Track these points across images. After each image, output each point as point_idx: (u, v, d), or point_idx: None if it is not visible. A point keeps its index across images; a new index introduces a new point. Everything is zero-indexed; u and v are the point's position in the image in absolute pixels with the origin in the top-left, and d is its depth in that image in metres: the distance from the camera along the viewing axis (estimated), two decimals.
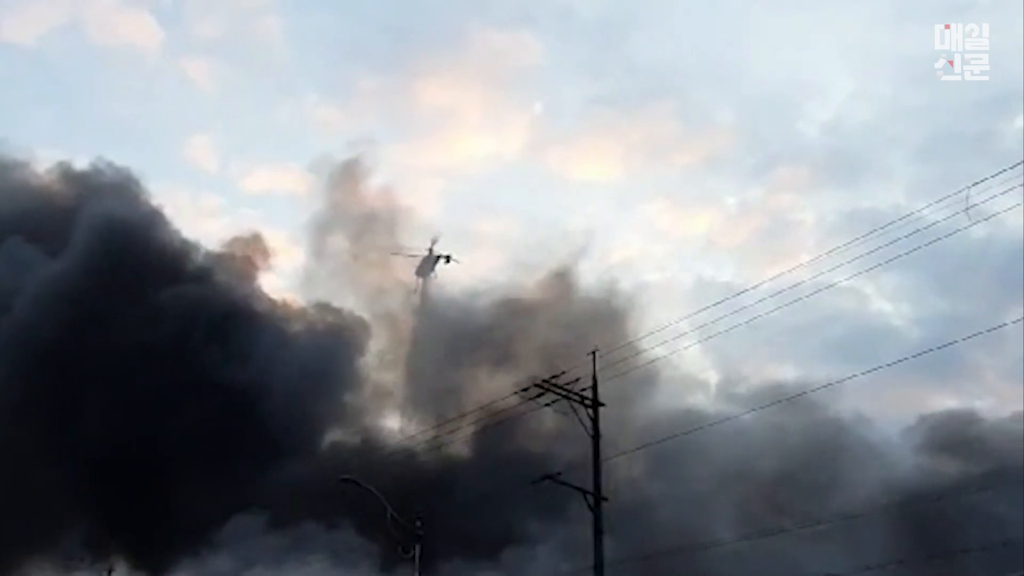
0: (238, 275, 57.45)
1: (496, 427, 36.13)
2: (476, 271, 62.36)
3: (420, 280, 59.09)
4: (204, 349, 51.87)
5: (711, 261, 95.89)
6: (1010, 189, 21.82)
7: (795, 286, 30.82)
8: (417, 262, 59.37)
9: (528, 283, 55.35)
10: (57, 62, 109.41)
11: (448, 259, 58.61)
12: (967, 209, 24.35)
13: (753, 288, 29.25)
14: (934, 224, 28.29)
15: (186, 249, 57.56)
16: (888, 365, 32.75)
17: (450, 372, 53.33)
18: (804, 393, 35.14)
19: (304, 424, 51.17)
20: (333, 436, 52.71)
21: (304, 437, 50.78)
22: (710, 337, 31.67)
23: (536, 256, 56.13)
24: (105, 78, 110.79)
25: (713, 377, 58.98)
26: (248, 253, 59.27)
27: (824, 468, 42.27)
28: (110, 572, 37.69)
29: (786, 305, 29.04)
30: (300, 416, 51.05)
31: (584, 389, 27.77)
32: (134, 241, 53.97)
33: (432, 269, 58.79)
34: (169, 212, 58.99)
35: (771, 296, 30.72)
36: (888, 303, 76.66)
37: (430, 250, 59.22)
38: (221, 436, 48.59)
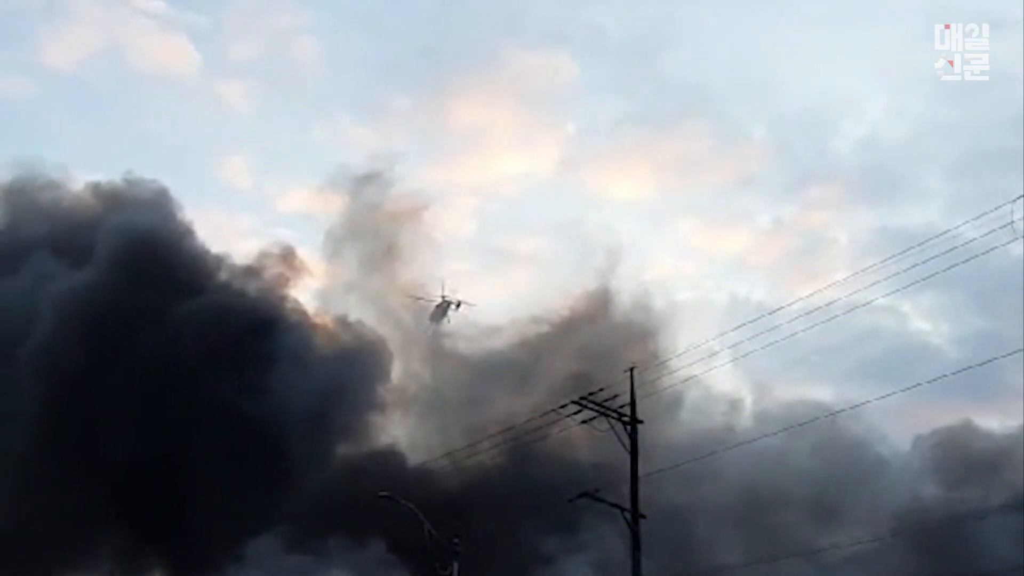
0: (268, 289, 57.52)
1: (526, 445, 36.11)
2: (507, 290, 62.24)
3: (433, 324, 59.36)
4: (229, 363, 51.97)
5: (744, 279, 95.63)
6: None
7: (829, 304, 30.84)
8: (431, 307, 59.89)
9: (560, 301, 55.39)
10: (96, 86, 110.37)
11: (459, 305, 59.06)
12: (1010, 224, 24.42)
13: (787, 307, 29.28)
14: (972, 241, 28.27)
15: (216, 263, 57.67)
16: (926, 383, 32.85)
17: (476, 389, 53.46)
18: (840, 411, 34.96)
19: (325, 440, 51.15)
20: (354, 452, 52.51)
21: (325, 454, 50.70)
22: (744, 356, 31.73)
23: (568, 274, 56.21)
24: (142, 101, 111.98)
25: (747, 396, 58.80)
26: (279, 268, 59.34)
27: (859, 488, 41.99)
28: None
29: (820, 324, 29.07)
30: (321, 432, 51.10)
31: (622, 406, 27.80)
32: (161, 253, 54.02)
33: (445, 315, 59.13)
34: (204, 230, 59.08)
35: (805, 314, 30.80)
36: (926, 322, 75.89)
37: (442, 298, 59.47)
38: (244, 452, 48.67)
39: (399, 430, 55.36)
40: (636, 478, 27.45)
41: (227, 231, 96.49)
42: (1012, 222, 21.34)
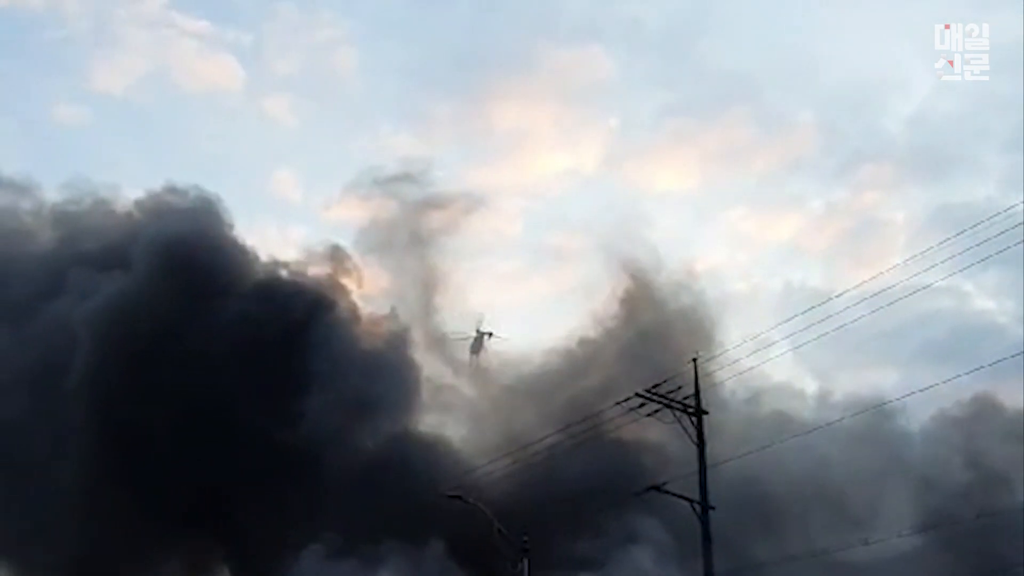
0: (313, 287, 57.77)
1: (586, 443, 35.91)
2: (557, 287, 62.03)
3: (475, 357, 59.93)
4: (274, 366, 52.15)
5: (798, 266, 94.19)
6: None
7: (888, 288, 30.34)
8: (468, 342, 60.51)
9: (611, 297, 55.16)
10: (145, 108, 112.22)
11: (491, 335, 59.78)
12: None
13: (844, 293, 28.84)
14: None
15: (263, 267, 57.94)
16: (991, 364, 32.19)
17: (530, 392, 53.54)
18: (908, 395, 34.32)
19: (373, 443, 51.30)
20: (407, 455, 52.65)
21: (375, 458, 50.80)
22: (803, 345, 31.30)
23: (618, 270, 55.89)
24: (190, 120, 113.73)
25: (809, 385, 58.13)
26: (326, 266, 59.60)
27: (927, 473, 41.37)
28: None
29: (881, 308, 28.63)
30: (368, 436, 51.36)
31: (686, 398, 27.56)
32: (201, 256, 54.24)
33: (482, 346, 59.66)
34: (255, 242, 59.27)
35: (864, 299, 30.31)
36: (990, 300, 74.45)
37: (478, 330, 59.98)
38: (292, 461, 48.98)
39: (453, 432, 55.67)
40: (704, 469, 27.22)
41: (279, 243, 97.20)
42: None
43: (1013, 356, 32.92)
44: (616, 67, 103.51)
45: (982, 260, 30.07)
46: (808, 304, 31.55)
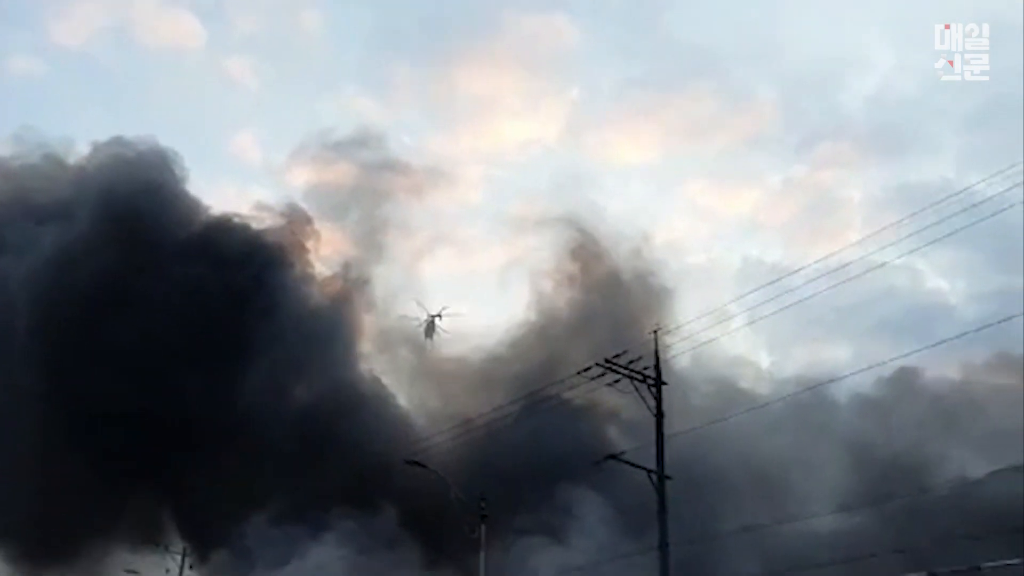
0: (270, 244, 57.05)
1: (547, 412, 36.05)
2: (515, 255, 61.81)
3: (429, 340, 59.81)
4: (223, 323, 51.51)
5: (757, 241, 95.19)
6: None
7: (845, 266, 30.66)
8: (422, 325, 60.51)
9: (570, 268, 55.26)
10: (103, 63, 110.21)
11: (440, 316, 59.65)
12: None
13: (801, 269, 29.12)
14: (990, 199, 28.05)
15: (216, 222, 57.03)
16: (944, 342, 32.73)
17: (490, 364, 53.56)
18: (861, 371, 34.85)
19: (332, 413, 51.05)
20: (363, 422, 52.43)
21: (329, 423, 50.57)
22: (760, 319, 31.58)
23: (577, 240, 55.96)
24: (149, 78, 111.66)
25: (763, 359, 58.89)
26: (282, 225, 58.88)
27: (886, 447, 42.02)
28: (184, 556, 37.84)
29: (837, 285, 28.92)
30: (326, 404, 51.07)
31: (646, 368, 27.63)
32: (153, 211, 53.24)
33: (434, 329, 59.62)
34: (213, 203, 58.24)
35: (821, 276, 30.61)
36: (943, 280, 75.72)
37: (429, 314, 59.50)
38: (238, 424, 48.60)
39: (406, 403, 55.63)
40: (662, 440, 27.35)
41: (237, 204, 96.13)
42: None
43: (962, 335, 33.70)
44: (581, 37, 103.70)
45: (936, 240, 30.48)
46: (765, 279, 31.87)
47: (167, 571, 37.44)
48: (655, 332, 28.06)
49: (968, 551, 27.12)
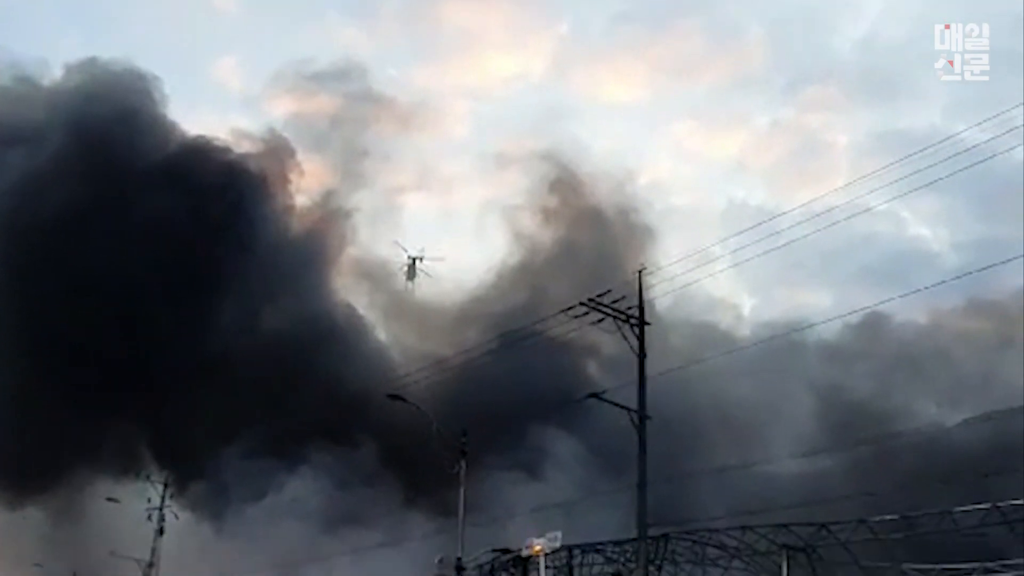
0: (249, 169, 56.37)
1: (532, 349, 36.00)
2: (500, 191, 61.52)
3: (409, 283, 60.84)
4: (200, 251, 51.03)
5: (742, 183, 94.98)
6: None
7: (829, 210, 30.63)
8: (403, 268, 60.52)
9: (554, 205, 55.12)
10: None
11: (422, 259, 60.44)
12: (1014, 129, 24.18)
13: (786, 213, 29.06)
14: (975, 147, 28.01)
15: (194, 146, 56.21)
16: (924, 289, 32.94)
17: (474, 305, 53.54)
18: (850, 314, 35.09)
19: (308, 343, 50.92)
20: (342, 357, 52.37)
21: (308, 357, 50.48)
22: (744, 262, 31.59)
23: (561, 178, 55.73)
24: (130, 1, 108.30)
25: (745, 302, 59.19)
26: (267, 158, 58.13)
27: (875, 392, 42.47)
28: (166, 485, 37.89)
29: (821, 230, 28.88)
30: (309, 337, 50.87)
31: (630, 308, 27.52)
32: (127, 134, 52.23)
33: (415, 272, 60.13)
34: (192, 129, 57.22)
35: (805, 220, 30.58)
36: (925, 227, 75.95)
37: (409, 257, 60.66)
38: (223, 354, 48.42)
39: (388, 339, 55.63)
40: (643, 380, 27.25)
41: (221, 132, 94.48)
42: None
43: (942, 283, 33.91)
44: None
45: (920, 187, 30.47)
46: (750, 221, 31.87)
47: (148, 500, 37.52)
48: (639, 272, 27.88)
49: (939, 495, 27.65)
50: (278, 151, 57.52)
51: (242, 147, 56.64)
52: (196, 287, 50.03)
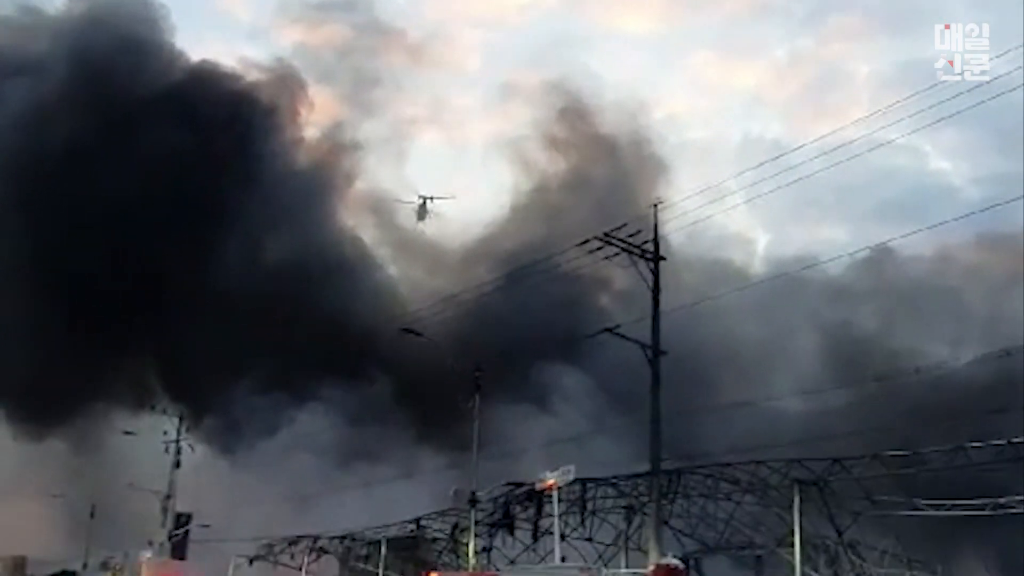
0: (258, 99, 55.93)
1: (546, 284, 35.97)
2: (512, 124, 60.58)
3: (420, 224, 60.73)
4: (209, 185, 50.83)
5: (759, 117, 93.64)
6: None
7: (847, 144, 30.23)
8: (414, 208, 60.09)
9: (565, 135, 54.60)
10: None
11: (432, 199, 60.45)
12: None
13: (803, 146, 28.68)
14: (997, 78, 27.51)
15: (202, 75, 55.71)
16: (943, 224, 32.64)
17: (488, 237, 53.34)
18: (861, 251, 34.79)
19: (317, 275, 50.93)
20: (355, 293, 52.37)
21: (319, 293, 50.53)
22: (758, 197, 31.30)
23: (577, 111, 55.16)
24: None
25: (760, 237, 58.76)
26: (274, 86, 57.64)
27: (881, 329, 42.27)
28: (181, 419, 38.24)
29: (838, 164, 28.51)
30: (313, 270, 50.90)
31: (645, 243, 27.35)
32: (131, 65, 51.73)
33: (426, 212, 60.13)
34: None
35: (823, 154, 30.19)
36: (946, 161, 74.78)
37: (420, 197, 60.51)
38: (231, 287, 48.44)
39: (399, 275, 55.57)
40: (657, 316, 27.18)
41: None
42: None
43: (965, 216, 33.57)
44: None
45: (941, 120, 30.05)
46: (766, 156, 31.46)
47: (165, 433, 37.92)
48: (655, 206, 27.64)
49: (950, 432, 27.66)
50: (286, 80, 57.10)
51: (250, 76, 56.13)
52: (204, 219, 49.99)
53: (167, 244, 48.46)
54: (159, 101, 51.48)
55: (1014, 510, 24.88)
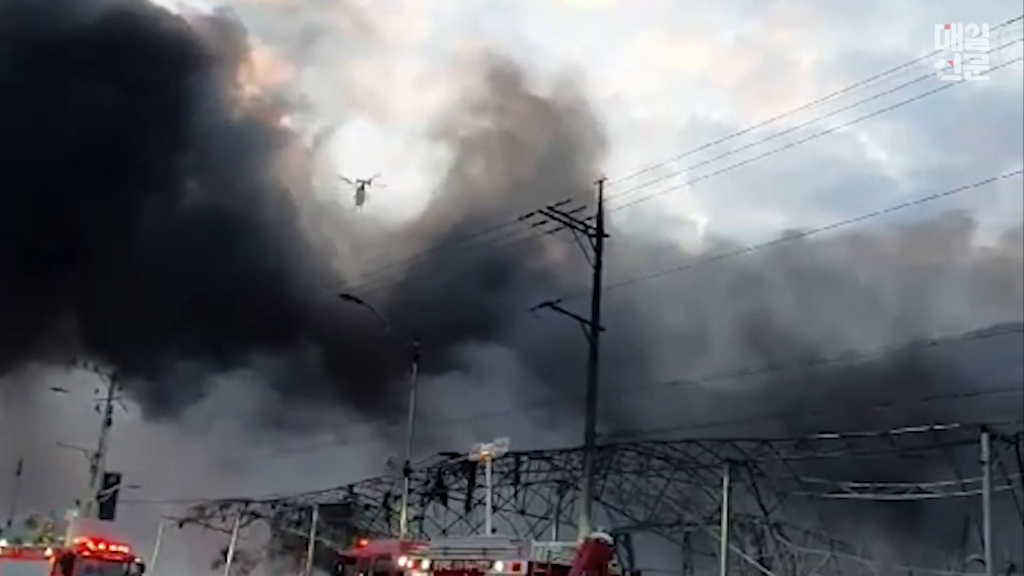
0: (197, 43, 54.72)
1: (488, 256, 36.01)
2: (458, 95, 60.24)
3: (359, 207, 60.09)
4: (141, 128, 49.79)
5: (705, 98, 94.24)
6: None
7: (790, 130, 30.65)
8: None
9: (512, 110, 54.49)
10: None
11: (370, 183, 59.42)
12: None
13: (746, 131, 28.99)
14: (936, 72, 27.95)
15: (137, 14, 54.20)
16: (877, 214, 33.26)
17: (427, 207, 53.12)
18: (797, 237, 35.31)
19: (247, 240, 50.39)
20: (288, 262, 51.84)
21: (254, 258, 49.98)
22: (702, 178, 31.59)
23: (522, 84, 55.07)
24: None
25: (701, 219, 59.38)
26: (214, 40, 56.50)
27: (808, 314, 42.92)
28: (114, 378, 37.62)
29: (780, 150, 28.91)
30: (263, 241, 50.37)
31: (589, 219, 27.49)
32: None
33: (364, 196, 59.63)
34: None
35: (766, 139, 30.56)
36: (883, 152, 76.00)
37: (358, 181, 59.53)
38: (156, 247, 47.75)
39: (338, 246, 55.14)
40: (599, 292, 27.35)
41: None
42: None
43: (895, 208, 34.29)
44: None
45: (881, 111, 30.53)
46: (711, 138, 31.77)
47: (96, 391, 37.33)
48: (600, 183, 27.81)
49: (879, 417, 28.31)
50: (226, 29, 56.00)
51: (188, 20, 54.94)
52: (128, 171, 48.91)
53: (89, 198, 47.39)
54: (87, 39, 49.95)
55: (935, 495, 25.55)
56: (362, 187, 59.02)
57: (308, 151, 58.52)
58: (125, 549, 29.79)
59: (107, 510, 37.66)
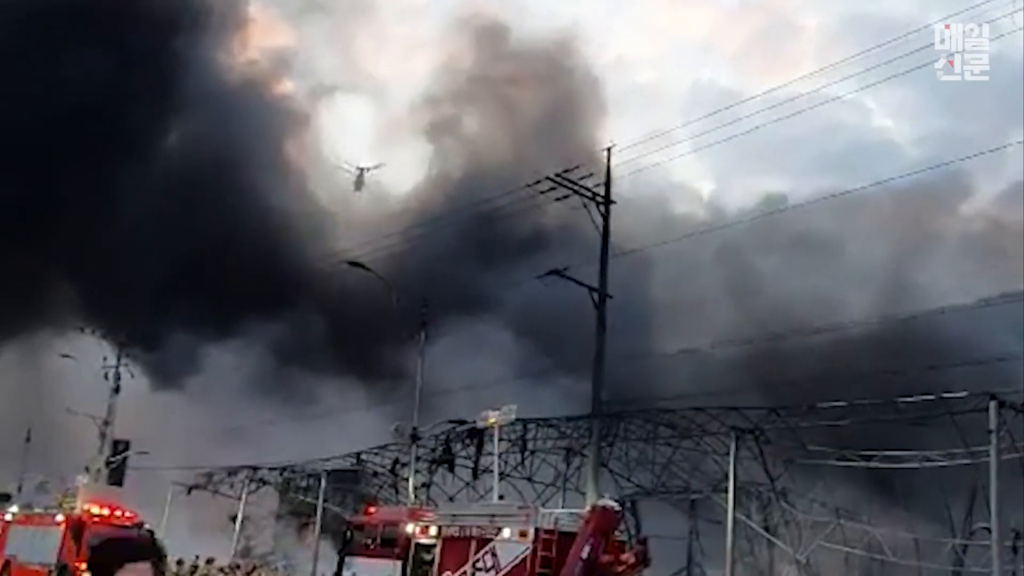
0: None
1: (496, 222, 35.93)
2: (458, 63, 59.86)
3: (359, 192, 60.01)
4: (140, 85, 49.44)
5: (709, 63, 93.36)
6: None
7: (795, 98, 30.51)
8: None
9: (512, 75, 54.14)
10: None
11: (369, 168, 59.55)
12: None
13: (751, 98, 28.81)
14: (945, 40, 27.70)
15: None
16: (883, 182, 33.14)
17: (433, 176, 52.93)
18: (799, 205, 35.18)
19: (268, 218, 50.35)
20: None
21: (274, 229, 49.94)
22: (707, 146, 31.47)
23: (523, 50, 54.70)
24: None
25: (706, 186, 59.13)
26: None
27: (811, 282, 42.73)
28: (122, 345, 37.81)
29: (785, 118, 28.80)
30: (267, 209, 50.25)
31: (596, 186, 27.49)
32: None
33: (363, 182, 59.59)
34: None
35: (771, 107, 30.43)
36: (889, 119, 75.25)
37: (358, 168, 59.66)
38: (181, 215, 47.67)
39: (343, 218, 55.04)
40: (606, 259, 27.49)
41: None
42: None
43: (906, 175, 34.11)
44: None
45: (888, 78, 30.39)
46: (715, 105, 31.58)
47: (104, 359, 37.54)
48: (608, 150, 27.78)
49: (885, 384, 28.31)
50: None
51: None
52: (122, 135, 48.74)
53: (81, 163, 47.24)
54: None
55: (940, 463, 25.55)
56: (361, 173, 59.15)
57: (307, 117, 58.10)
58: (133, 515, 30.06)
59: (116, 476, 37.97)
